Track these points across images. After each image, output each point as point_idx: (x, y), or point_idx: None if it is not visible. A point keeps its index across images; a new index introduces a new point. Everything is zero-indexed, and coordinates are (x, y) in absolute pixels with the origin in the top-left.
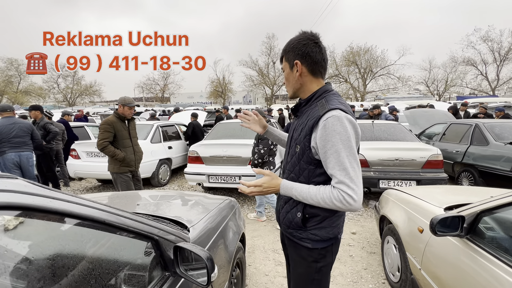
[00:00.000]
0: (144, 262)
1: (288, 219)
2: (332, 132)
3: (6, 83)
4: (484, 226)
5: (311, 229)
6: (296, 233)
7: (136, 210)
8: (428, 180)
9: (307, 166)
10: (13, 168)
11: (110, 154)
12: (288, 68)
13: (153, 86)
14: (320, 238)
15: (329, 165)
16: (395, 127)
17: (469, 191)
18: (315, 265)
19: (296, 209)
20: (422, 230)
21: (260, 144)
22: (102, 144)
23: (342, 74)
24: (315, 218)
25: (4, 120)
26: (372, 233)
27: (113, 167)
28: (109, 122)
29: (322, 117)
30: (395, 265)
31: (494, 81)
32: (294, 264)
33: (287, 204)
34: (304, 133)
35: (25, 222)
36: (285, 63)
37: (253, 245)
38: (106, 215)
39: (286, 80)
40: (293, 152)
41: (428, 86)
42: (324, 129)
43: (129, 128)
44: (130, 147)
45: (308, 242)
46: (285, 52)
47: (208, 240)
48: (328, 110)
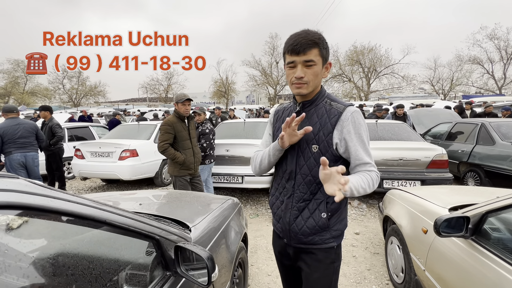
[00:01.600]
0: (145, 262)
1: (310, 225)
2: (359, 124)
3: (12, 84)
4: (490, 227)
5: (334, 225)
6: (318, 238)
7: (138, 210)
8: (432, 180)
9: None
10: (18, 169)
11: (171, 157)
12: (321, 64)
13: (156, 86)
14: (341, 232)
15: (358, 154)
16: (399, 126)
17: (475, 192)
18: (333, 266)
19: (319, 211)
20: (426, 230)
21: (202, 139)
22: (162, 147)
23: (345, 73)
24: (337, 212)
25: (9, 121)
26: (375, 233)
27: (173, 170)
28: (169, 123)
29: (343, 113)
30: (399, 266)
31: (501, 79)
32: (309, 270)
33: (304, 210)
34: (326, 131)
35: (29, 221)
36: (318, 57)
37: (255, 245)
38: (107, 215)
39: (314, 76)
40: (307, 155)
41: (433, 85)
42: (353, 122)
43: (188, 128)
44: (190, 149)
45: (332, 241)
46: (321, 46)
47: (210, 240)
48: (347, 106)
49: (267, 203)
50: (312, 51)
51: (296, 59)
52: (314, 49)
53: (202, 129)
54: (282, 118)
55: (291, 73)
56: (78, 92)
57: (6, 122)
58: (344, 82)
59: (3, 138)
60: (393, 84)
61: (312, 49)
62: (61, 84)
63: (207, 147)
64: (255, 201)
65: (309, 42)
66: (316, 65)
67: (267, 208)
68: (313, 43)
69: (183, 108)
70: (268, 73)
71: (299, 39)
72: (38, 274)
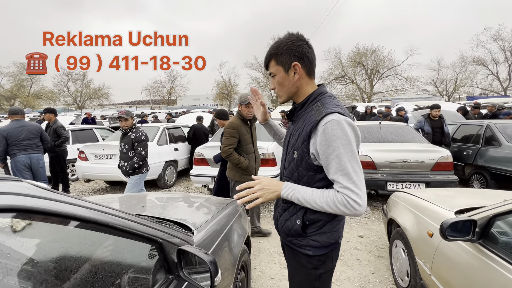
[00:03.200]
0: (148, 265)
1: (287, 227)
2: (332, 136)
3: (18, 87)
4: (498, 231)
5: (311, 235)
6: (296, 241)
7: (141, 212)
8: (437, 183)
9: (307, 173)
10: (24, 170)
11: (235, 162)
12: (283, 72)
13: (159, 88)
14: (321, 244)
15: (331, 170)
16: (402, 128)
17: (481, 194)
18: (315, 272)
19: (296, 216)
20: (432, 234)
21: (139, 147)
22: (227, 151)
23: (348, 75)
24: (316, 223)
25: (14, 123)
26: (380, 236)
27: (234, 175)
28: (234, 126)
29: (320, 122)
30: (404, 270)
31: (506, 80)
32: (293, 271)
33: (286, 211)
34: (302, 139)
35: (32, 224)
36: (276, 67)
37: (258, 248)
38: (109, 218)
39: (280, 85)
40: (290, 158)
41: (437, 86)
42: (323, 134)
43: (251, 131)
44: (253, 153)
45: (309, 249)
46: (276, 55)
47: (213, 243)
48: (326, 114)
49: (270, 205)
50: (270, 63)
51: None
52: (271, 62)
53: (136, 136)
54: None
55: None
56: (83, 94)
57: (11, 124)
58: (347, 83)
59: (7, 140)
60: (396, 86)
61: (269, 62)
62: (65, 86)
63: (146, 155)
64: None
65: (267, 57)
66: (277, 75)
67: (269, 211)
68: (269, 56)
69: (247, 110)
70: None
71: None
72: (41, 277)
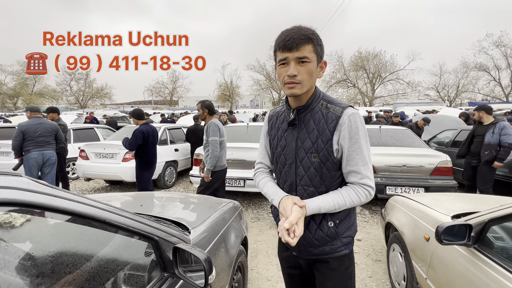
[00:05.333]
0: (144, 263)
1: (319, 237)
2: (355, 129)
3: (21, 86)
4: (493, 236)
5: (343, 232)
6: (329, 247)
7: (139, 211)
8: (436, 187)
9: (330, 173)
10: (34, 168)
11: None
12: (316, 62)
13: (162, 89)
14: (352, 238)
15: (352, 162)
16: (402, 132)
17: (479, 199)
18: (347, 272)
19: (325, 221)
20: (429, 238)
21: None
22: None
23: (350, 79)
24: (345, 219)
25: (32, 120)
26: (377, 240)
27: None
28: None
29: (342, 117)
30: (400, 274)
31: (508, 87)
32: (324, 278)
33: (310, 222)
34: (325, 138)
35: (31, 219)
36: (313, 53)
37: (256, 249)
38: (107, 215)
39: (309, 75)
40: (307, 164)
41: (439, 91)
42: (349, 127)
43: None
44: None
45: (344, 248)
46: (315, 42)
47: (209, 242)
48: (344, 109)
49: (268, 207)
50: (305, 47)
51: (288, 56)
52: (308, 45)
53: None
54: (277, 125)
55: (283, 71)
56: (85, 94)
57: (30, 120)
58: (349, 87)
59: (24, 135)
60: (398, 90)
61: (305, 45)
62: (68, 86)
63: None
64: (257, 205)
65: (303, 37)
66: (311, 63)
67: (268, 213)
68: (306, 38)
69: None
70: (273, 78)
71: (291, 34)
72: (37, 271)
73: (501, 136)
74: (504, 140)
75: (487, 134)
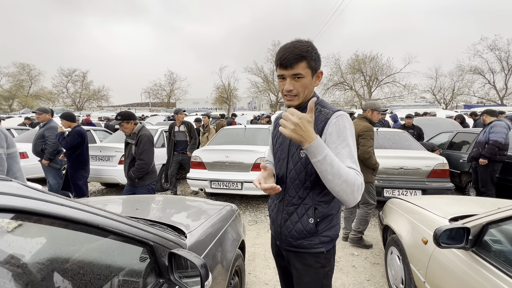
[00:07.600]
0: (139, 268)
1: (299, 229)
2: (343, 128)
3: (17, 87)
4: (491, 239)
5: (322, 231)
6: (306, 242)
7: (135, 215)
8: (434, 190)
9: (315, 169)
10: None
11: (373, 163)
12: (310, 75)
13: (159, 91)
14: (331, 238)
15: (341, 157)
16: (399, 135)
17: (476, 202)
18: (322, 270)
19: (307, 216)
20: (426, 241)
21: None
22: (369, 152)
23: (347, 81)
24: (326, 219)
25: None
26: (375, 243)
27: (366, 176)
28: (372, 129)
29: (331, 118)
30: (398, 277)
31: (502, 90)
32: (299, 274)
33: (293, 214)
34: None
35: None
36: (306, 69)
37: (253, 253)
38: (100, 220)
39: (304, 88)
40: (296, 159)
41: (435, 94)
42: (336, 125)
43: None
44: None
45: (321, 246)
46: (310, 57)
47: (206, 247)
48: (334, 112)
49: (266, 210)
50: (299, 65)
51: (285, 73)
52: (302, 63)
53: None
54: (279, 125)
55: (282, 85)
56: (82, 96)
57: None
58: (346, 90)
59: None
60: (394, 93)
61: (299, 63)
62: (65, 87)
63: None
64: (254, 208)
65: (296, 56)
66: (305, 78)
67: (266, 215)
68: (300, 57)
69: (377, 116)
70: (270, 80)
71: (286, 53)
72: (28, 278)
73: (490, 134)
74: (490, 138)
75: (481, 133)
